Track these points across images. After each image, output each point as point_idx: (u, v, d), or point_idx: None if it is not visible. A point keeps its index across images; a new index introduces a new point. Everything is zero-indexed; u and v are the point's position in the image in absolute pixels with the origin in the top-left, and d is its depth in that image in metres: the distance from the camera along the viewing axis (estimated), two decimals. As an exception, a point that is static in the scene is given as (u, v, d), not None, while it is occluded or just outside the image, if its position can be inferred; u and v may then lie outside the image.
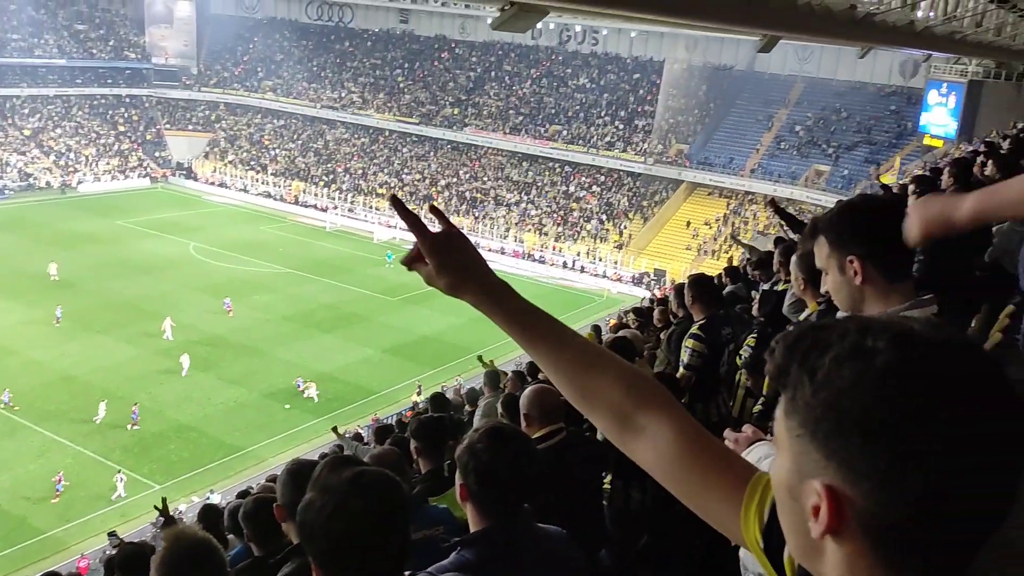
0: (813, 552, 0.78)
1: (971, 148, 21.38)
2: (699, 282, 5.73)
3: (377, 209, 49.77)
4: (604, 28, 53.34)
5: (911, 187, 7.55)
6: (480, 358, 12.50)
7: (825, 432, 0.72)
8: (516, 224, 48.50)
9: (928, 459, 0.68)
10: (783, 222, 7.49)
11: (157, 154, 57.72)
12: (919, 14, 16.00)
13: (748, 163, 48.05)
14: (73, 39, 58.70)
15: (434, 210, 1.45)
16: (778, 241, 8.46)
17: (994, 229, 6.86)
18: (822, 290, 2.00)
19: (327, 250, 43.03)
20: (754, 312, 7.70)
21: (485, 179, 52.96)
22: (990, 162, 7.98)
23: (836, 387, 0.72)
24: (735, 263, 15.49)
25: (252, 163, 57.46)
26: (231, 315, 32.06)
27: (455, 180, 53.55)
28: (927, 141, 40.15)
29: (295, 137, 59.76)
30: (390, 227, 43.84)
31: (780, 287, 6.77)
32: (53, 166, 52.57)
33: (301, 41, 64.11)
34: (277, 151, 58.56)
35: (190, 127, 60.36)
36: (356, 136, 58.61)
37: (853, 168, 45.03)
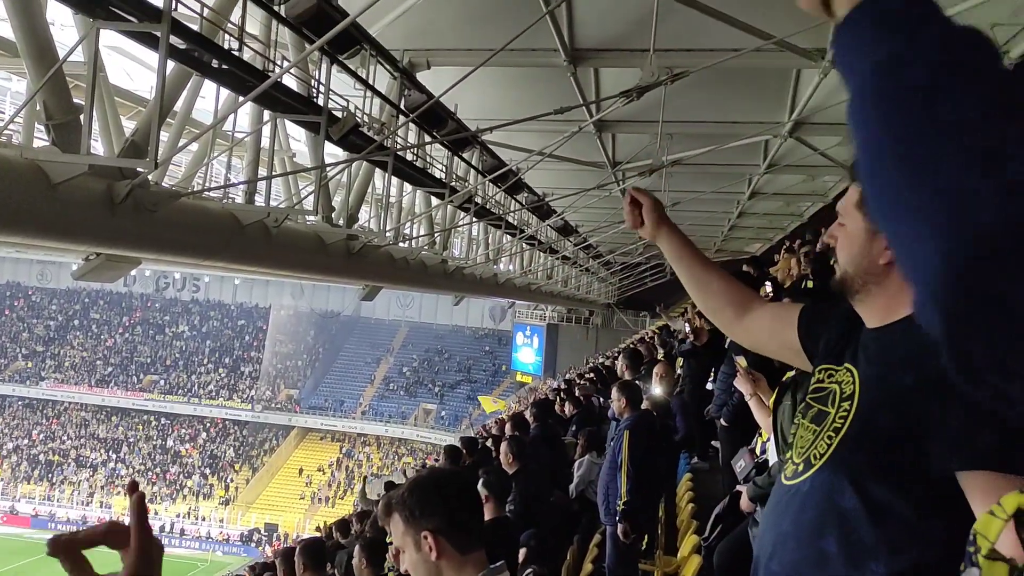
0: None
1: (554, 384, 24.46)
2: (310, 549, 5.36)
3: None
4: (206, 275, 52.48)
5: (508, 424, 8.18)
6: None
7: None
8: (103, 487, 42.53)
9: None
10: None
11: None
12: (500, 267, 18.35)
13: (359, 405, 48.94)
14: None
15: (141, 504, 0.95)
16: (388, 486, 8.35)
17: (576, 463, 7.51)
18: (401, 569, 1.97)
19: None
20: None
21: (65, 438, 46.33)
22: (566, 403, 9.19)
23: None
24: (346, 515, 15.14)
25: None
26: None
27: (27, 442, 45.92)
28: (519, 377, 44.94)
29: None
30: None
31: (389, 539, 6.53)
32: None
33: None
34: None
35: None
36: None
37: (457, 404, 48.29)
